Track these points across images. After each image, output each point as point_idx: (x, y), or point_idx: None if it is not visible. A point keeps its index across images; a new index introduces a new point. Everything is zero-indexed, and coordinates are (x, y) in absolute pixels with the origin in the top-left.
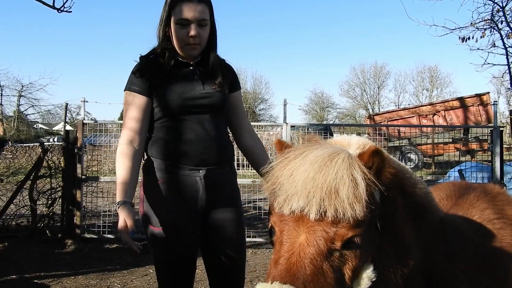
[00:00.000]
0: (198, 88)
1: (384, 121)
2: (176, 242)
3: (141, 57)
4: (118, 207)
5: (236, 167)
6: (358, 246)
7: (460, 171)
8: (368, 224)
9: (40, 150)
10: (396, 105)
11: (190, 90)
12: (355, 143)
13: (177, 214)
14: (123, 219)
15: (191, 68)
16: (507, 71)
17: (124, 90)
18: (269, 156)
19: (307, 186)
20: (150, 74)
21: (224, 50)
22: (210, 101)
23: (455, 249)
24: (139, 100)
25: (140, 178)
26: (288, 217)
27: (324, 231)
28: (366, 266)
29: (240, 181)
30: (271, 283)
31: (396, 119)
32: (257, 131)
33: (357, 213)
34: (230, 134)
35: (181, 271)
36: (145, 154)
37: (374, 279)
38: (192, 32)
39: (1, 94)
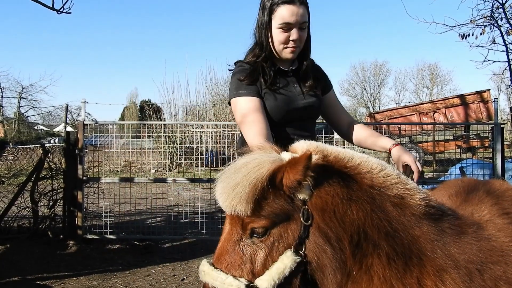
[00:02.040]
0: (299, 97)
1: (385, 119)
2: None
3: (242, 63)
4: None
5: None
6: (264, 235)
7: (461, 169)
8: (277, 218)
9: (41, 152)
10: (396, 103)
11: (293, 101)
12: (301, 149)
13: None
14: None
15: (290, 75)
16: (507, 68)
17: (234, 97)
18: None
19: (222, 189)
20: (257, 79)
21: (223, 49)
22: (310, 110)
23: (455, 243)
24: (256, 102)
25: None
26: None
27: (235, 222)
28: (285, 252)
29: None
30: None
31: (396, 117)
32: None
33: (245, 211)
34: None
35: None
36: None
37: (291, 263)
38: (294, 36)
39: (2, 96)
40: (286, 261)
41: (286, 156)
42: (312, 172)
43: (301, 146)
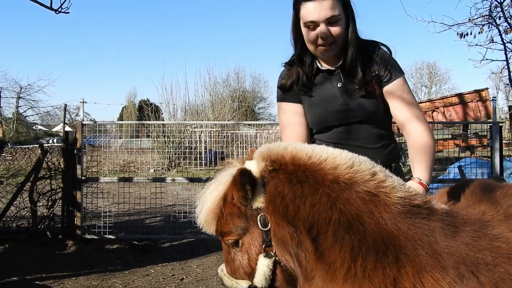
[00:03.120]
0: (342, 98)
1: None
2: None
3: (285, 65)
4: None
5: None
6: (237, 245)
7: (460, 167)
8: (241, 230)
9: (40, 152)
10: None
11: (331, 103)
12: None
13: None
14: None
15: (333, 74)
16: (506, 67)
17: (277, 102)
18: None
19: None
20: (295, 84)
21: (222, 48)
22: (356, 112)
23: (445, 242)
24: (293, 108)
25: None
26: None
27: (220, 237)
28: (261, 257)
29: None
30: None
31: None
32: (256, 130)
33: (211, 231)
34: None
35: None
36: None
37: (268, 266)
38: (322, 34)
39: (0, 96)
40: (262, 266)
41: (249, 165)
42: (250, 185)
43: (256, 154)
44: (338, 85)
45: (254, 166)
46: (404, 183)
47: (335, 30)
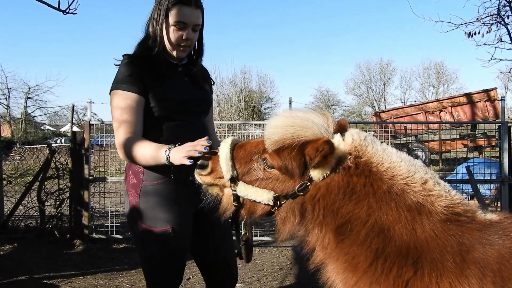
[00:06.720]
0: (192, 92)
1: (391, 118)
2: (175, 239)
3: (130, 56)
4: (172, 148)
5: None
6: (269, 168)
7: (467, 168)
8: (285, 169)
9: (48, 152)
10: (402, 102)
11: (185, 93)
12: (349, 137)
13: (174, 213)
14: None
15: (180, 70)
16: None
17: (114, 90)
18: None
19: (273, 120)
20: (143, 74)
21: (229, 48)
22: (203, 103)
23: (480, 254)
24: (135, 99)
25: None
26: None
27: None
28: (270, 191)
29: None
30: None
31: (402, 116)
32: (263, 130)
33: (268, 147)
34: None
35: (174, 266)
36: None
37: (266, 201)
38: (187, 36)
39: (9, 96)
40: (263, 196)
41: (336, 137)
42: (325, 161)
43: (349, 136)
44: (185, 79)
45: (341, 148)
46: (451, 190)
47: (195, 36)
